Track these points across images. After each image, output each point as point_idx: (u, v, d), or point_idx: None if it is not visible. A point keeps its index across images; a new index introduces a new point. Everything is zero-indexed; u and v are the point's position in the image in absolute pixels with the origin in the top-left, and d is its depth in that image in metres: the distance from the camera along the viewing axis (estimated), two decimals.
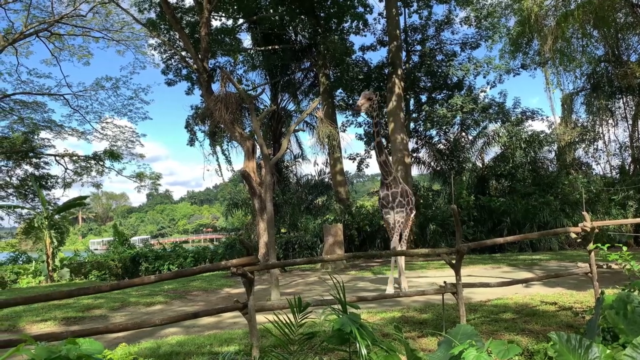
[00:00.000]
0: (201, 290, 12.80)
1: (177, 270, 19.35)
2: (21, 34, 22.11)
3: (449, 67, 23.08)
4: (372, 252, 9.94)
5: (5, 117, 27.00)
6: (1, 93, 25.25)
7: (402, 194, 10.14)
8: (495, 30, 23.07)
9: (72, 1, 23.04)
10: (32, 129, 27.90)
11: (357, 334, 3.88)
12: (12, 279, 21.04)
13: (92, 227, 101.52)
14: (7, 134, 27.90)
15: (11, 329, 8.61)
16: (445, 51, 24.82)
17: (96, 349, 2.53)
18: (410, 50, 25.51)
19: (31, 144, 27.93)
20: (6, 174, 29.81)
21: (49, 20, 22.80)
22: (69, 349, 2.39)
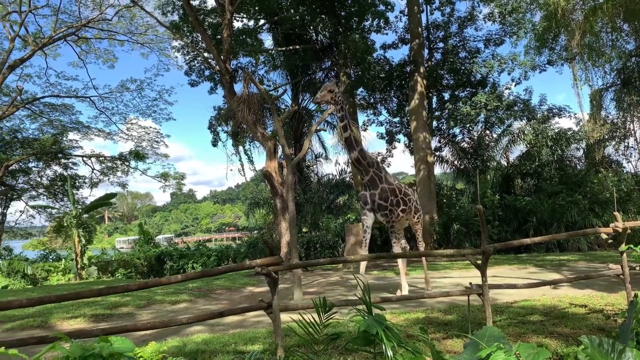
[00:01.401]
0: (225, 289, 12.93)
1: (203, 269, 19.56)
2: (50, 38, 22.67)
3: (473, 64, 22.74)
4: (396, 253, 9.73)
5: (36, 119, 27.76)
6: (31, 96, 25.92)
7: (382, 197, 9.40)
8: (520, 25, 22.62)
9: (98, 5, 23.54)
10: (61, 130, 28.61)
11: (383, 336, 3.86)
12: (43, 276, 21.65)
13: (117, 226, 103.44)
14: (37, 135, 28.69)
15: (43, 325, 8.84)
16: (469, 48, 24.48)
17: (127, 347, 2.58)
18: (433, 48, 25.23)
19: (60, 145, 28.64)
20: (37, 174, 30.68)
21: (76, 24, 23.33)
22: (101, 346, 2.44)
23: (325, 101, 9.06)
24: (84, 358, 2.41)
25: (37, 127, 28.53)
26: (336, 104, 9.07)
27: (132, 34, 25.25)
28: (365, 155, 9.41)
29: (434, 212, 20.43)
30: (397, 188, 9.69)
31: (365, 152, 9.49)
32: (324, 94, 9.01)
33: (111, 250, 29.10)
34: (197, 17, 18.00)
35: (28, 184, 30.67)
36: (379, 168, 9.58)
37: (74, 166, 30.44)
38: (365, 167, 9.39)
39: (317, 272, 16.07)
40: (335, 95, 9.03)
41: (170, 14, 22.09)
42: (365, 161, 9.38)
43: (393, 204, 9.52)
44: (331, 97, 9.00)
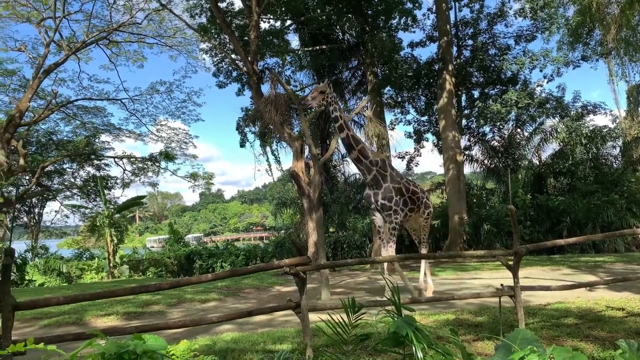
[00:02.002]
0: (253, 288, 13.04)
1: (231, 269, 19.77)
2: (83, 42, 23.29)
3: (503, 62, 22.26)
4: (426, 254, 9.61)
5: (70, 122, 28.61)
6: (65, 99, 26.71)
7: (385, 196, 9.15)
8: (553, 21, 22.01)
9: (128, 10, 24.06)
10: (94, 132, 29.42)
11: (413, 337, 3.82)
12: (77, 274, 22.27)
13: (148, 225, 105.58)
14: (71, 137, 29.59)
15: (78, 322, 9.08)
16: (499, 45, 23.97)
17: (160, 344, 2.61)
18: (462, 45, 24.83)
19: (93, 146, 29.46)
20: (71, 175, 31.67)
21: (108, 28, 23.89)
22: (135, 344, 2.48)
23: (316, 103, 8.89)
24: (119, 355, 2.45)
25: (71, 130, 29.45)
26: (329, 104, 8.92)
27: (161, 36, 25.73)
28: (366, 154, 9.20)
29: (464, 212, 20.14)
30: (404, 187, 9.44)
31: (367, 151, 9.28)
32: (315, 95, 8.85)
33: (142, 249, 29.66)
34: (224, 19, 18.20)
35: (62, 184, 31.71)
36: (384, 167, 9.35)
37: (106, 167, 31.33)
38: (368, 166, 9.21)
39: (345, 272, 16.04)
40: (327, 96, 8.86)
41: (198, 17, 22.39)
42: (368, 160, 9.19)
43: (399, 204, 9.26)
44: (322, 98, 8.83)
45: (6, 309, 3.56)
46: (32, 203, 30.46)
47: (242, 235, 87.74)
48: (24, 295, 12.62)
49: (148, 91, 27.90)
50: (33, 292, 15.46)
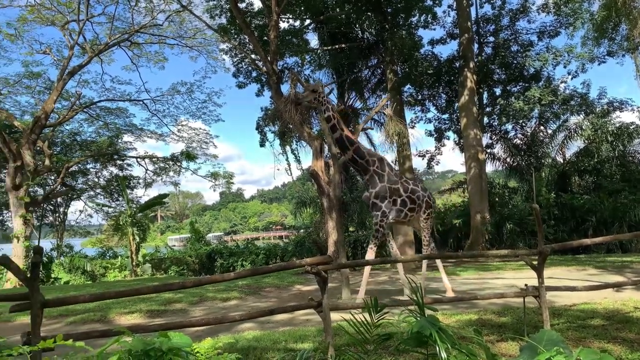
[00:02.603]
0: (273, 287, 13.10)
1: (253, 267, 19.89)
2: (106, 45, 23.72)
3: (526, 58, 21.90)
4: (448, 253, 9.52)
5: (93, 123, 29.17)
6: (89, 100, 27.22)
7: (378, 196, 8.95)
8: (577, 16, 21.55)
9: (149, 11, 24.41)
10: (116, 133, 29.94)
11: (437, 337, 3.79)
12: (101, 272, 22.67)
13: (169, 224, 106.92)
14: (94, 138, 30.16)
15: (102, 319, 9.25)
16: (521, 41, 23.58)
17: (185, 342, 2.64)
18: (483, 42, 24.51)
19: (115, 147, 29.98)
20: (94, 175, 32.29)
21: (130, 30, 24.28)
22: (161, 341, 2.51)
23: (307, 101, 8.83)
24: (145, 352, 2.49)
25: (94, 130, 30.02)
26: (320, 104, 8.82)
27: (181, 37, 26.03)
28: (362, 154, 9.05)
29: (486, 211, 19.89)
30: (402, 186, 9.22)
31: (363, 151, 9.12)
32: (307, 94, 8.79)
33: (164, 248, 30.07)
34: (244, 20, 18.31)
35: (86, 184, 32.37)
36: (382, 166, 9.17)
37: (128, 167, 31.86)
38: (364, 166, 9.05)
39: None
40: (319, 95, 8.76)
41: (217, 17, 22.56)
42: (364, 160, 9.04)
43: (397, 204, 9.07)
44: (314, 97, 8.75)
45: (35, 306, 3.64)
46: (57, 202, 31.14)
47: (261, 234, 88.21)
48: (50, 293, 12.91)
49: (169, 92, 28.27)
50: (59, 290, 15.79)
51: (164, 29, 25.41)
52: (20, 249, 19.84)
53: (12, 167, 19.97)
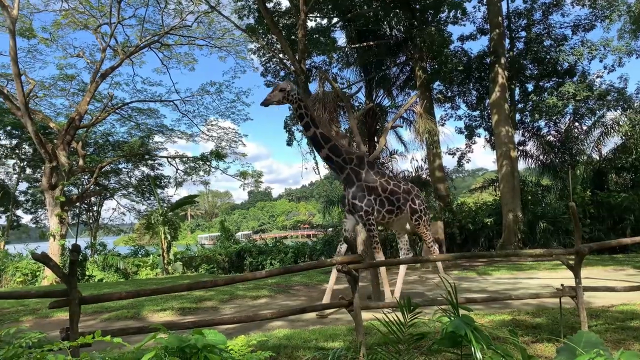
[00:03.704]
0: (302, 285, 13.12)
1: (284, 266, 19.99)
2: (137, 47, 24.22)
3: (559, 53, 21.31)
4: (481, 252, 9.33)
5: (125, 123, 29.85)
6: (121, 102, 27.85)
7: (355, 195, 8.63)
8: (613, 8, 20.86)
9: (179, 13, 24.81)
10: (147, 133, 30.56)
11: (472, 337, 3.72)
12: (133, 270, 23.15)
13: (199, 223, 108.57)
14: (126, 138, 30.86)
15: (136, 316, 9.43)
16: (554, 35, 22.97)
17: (219, 339, 2.66)
18: (514, 37, 23.98)
19: (147, 147, 30.59)
20: (126, 175, 33.04)
21: (160, 32, 24.73)
22: (196, 338, 2.53)
23: (276, 101, 8.51)
24: (181, 349, 2.51)
25: (126, 131, 30.71)
26: (291, 102, 8.57)
27: (210, 38, 26.36)
28: (338, 152, 8.73)
29: (518, 210, 19.47)
30: (380, 186, 8.86)
31: (340, 149, 8.78)
32: (275, 94, 8.50)
33: (194, 246, 30.54)
34: (272, 19, 18.41)
35: (119, 183, 33.14)
36: (360, 164, 8.87)
37: (159, 167, 32.47)
38: (340, 165, 8.75)
39: (394, 271, 15.80)
40: (287, 94, 8.47)
41: (246, 18, 22.76)
42: (340, 158, 8.73)
43: (373, 203, 8.73)
44: (283, 96, 8.45)
45: (73, 303, 3.73)
46: (91, 202, 31.97)
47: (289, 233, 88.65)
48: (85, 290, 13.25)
49: (199, 92, 28.67)
50: (93, 287, 16.20)
51: (193, 30, 25.79)
52: (56, 247, 20.44)
53: (48, 168, 20.58)
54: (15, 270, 20.91)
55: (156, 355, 2.43)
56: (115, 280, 21.33)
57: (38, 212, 31.64)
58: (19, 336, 2.86)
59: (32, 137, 20.24)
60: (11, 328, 3.02)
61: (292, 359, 5.65)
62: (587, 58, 21.32)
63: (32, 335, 2.82)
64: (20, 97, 18.96)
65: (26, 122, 19.47)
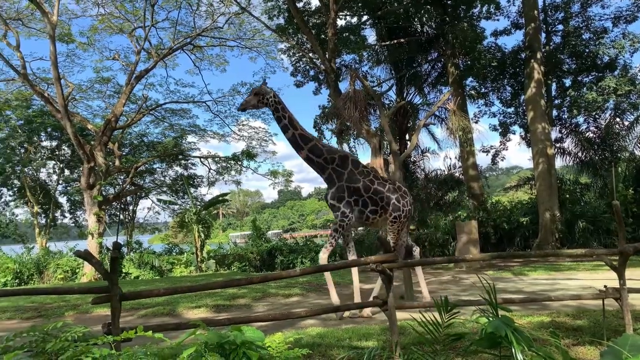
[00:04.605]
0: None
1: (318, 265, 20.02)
2: (170, 49, 24.69)
3: (599, 46, 20.59)
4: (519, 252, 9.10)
5: (159, 124, 30.49)
6: (155, 103, 28.46)
7: (334, 196, 8.50)
8: None
9: (210, 15, 25.15)
10: (181, 134, 31.14)
11: (513, 338, 3.64)
12: (168, 268, 23.61)
13: (230, 221, 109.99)
14: (160, 139, 31.54)
15: (171, 313, 9.62)
16: (594, 28, 22.19)
17: (258, 336, 2.67)
18: (551, 31, 23.30)
19: (180, 147, 31.19)
20: (161, 174, 33.77)
21: (192, 34, 25.13)
22: (235, 335, 2.55)
23: (252, 105, 8.50)
24: (220, 345, 2.53)
25: (160, 132, 31.38)
26: (267, 105, 8.52)
27: (240, 39, 26.62)
28: (319, 153, 8.64)
29: (556, 209, 18.92)
30: (363, 186, 8.66)
31: (321, 149, 8.69)
32: (250, 99, 8.50)
33: (227, 244, 30.90)
34: (302, 19, 18.47)
35: (153, 183, 33.89)
36: (343, 164, 8.72)
37: (192, 166, 33.05)
38: (322, 165, 8.65)
39: (428, 270, 15.65)
40: (262, 98, 8.46)
41: (276, 18, 22.92)
42: (321, 158, 8.63)
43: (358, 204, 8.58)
44: (258, 100, 8.44)
45: (114, 299, 3.82)
46: (126, 201, 32.78)
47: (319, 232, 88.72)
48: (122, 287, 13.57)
49: (230, 93, 29.01)
50: (129, 284, 16.61)
51: (224, 31, 26.10)
52: (94, 245, 21.07)
53: (86, 168, 21.20)
54: (56, 267, 21.64)
55: (196, 350, 2.45)
56: (150, 278, 21.79)
57: (77, 211, 32.68)
58: (65, 330, 2.95)
59: (71, 139, 20.90)
60: (58, 322, 3.12)
61: (326, 357, 5.64)
62: (629, 51, 20.53)
63: (77, 330, 2.90)
64: (60, 100, 19.61)
65: (65, 124, 20.12)
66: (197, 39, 25.64)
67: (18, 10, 21.95)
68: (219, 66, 28.18)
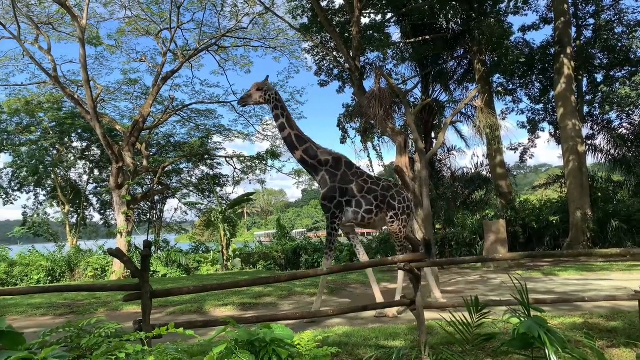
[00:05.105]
0: (359, 284, 13.05)
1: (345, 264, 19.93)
2: (195, 50, 25.01)
3: (632, 40, 19.96)
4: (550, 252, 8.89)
5: (185, 125, 30.92)
6: (181, 104, 28.87)
7: (326, 196, 8.37)
8: None
9: (235, 16, 25.35)
10: (206, 134, 31.52)
11: (546, 339, 3.55)
12: (195, 266, 23.94)
13: (255, 220, 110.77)
14: (186, 139, 31.97)
15: (199, 310, 9.73)
16: (627, 22, 21.52)
17: (287, 334, 2.67)
18: (581, 25, 22.74)
19: (206, 147, 31.57)
20: (187, 174, 34.25)
21: (217, 35, 25.40)
22: (265, 332, 2.56)
23: (254, 101, 8.46)
24: (250, 342, 2.54)
25: (186, 132, 31.83)
26: (268, 102, 8.45)
27: (264, 39, 26.76)
28: (313, 154, 8.58)
29: (587, 208, 18.45)
30: (357, 186, 8.54)
31: (315, 151, 8.61)
32: (252, 93, 8.44)
33: (252, 243, 31.13)
34: (327, 17, 18.43)
35: (180, 183, 34.39)
36: (337, 165, 8.63)
37: (218, 166, 33.41)
38: (315, 167, 8.58)
39: (454, 270, 15.46)
40: (265, 93, 8.40)
41: (299, 18, 22.95)
42: (315, 160, 8.57)
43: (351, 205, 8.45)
44: (260, 95, 8.40)
45: (145, 296, 3.88)
46: (154, 200, 33.35)
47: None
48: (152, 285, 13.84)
49: None
50: (158, 282, 16.86)
51: (248, 32, 26.28)
52: (123, 243, 21.49)
53: (115, 168, 21.65)
54: (86, 265, 22.16)
55: (227, 348, 2.46)
56: (178, 276, 22.11)
57: (106, 210, 33.41)
58: (99, 326, 3.01)
59: (100, 140, 21.37)
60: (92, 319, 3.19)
61: (353, 356, 5.61)
62: None
63: (110, 326, 2.96)
64: (89, 102, 20.08)
65: (95, 126, 20.59)
66: (221, 40, 25.89)
67: (49, 15, 22.58)
68: (244, 66, 28.42)
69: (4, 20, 20.62)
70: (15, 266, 21.24)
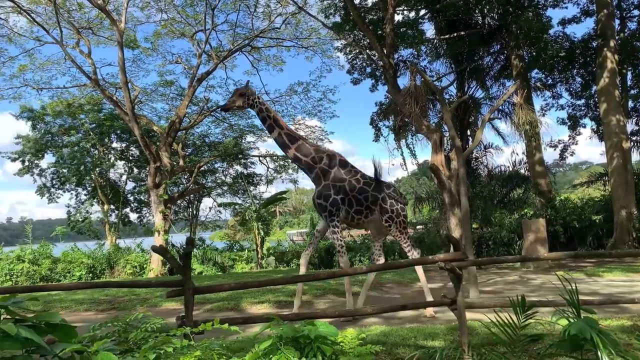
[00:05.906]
0: (394, 283, 12.96)
1: (385, 262, 19.85)
2: (229, 51, 25.31)
3: None
4: (595, 252, 8.60)
5: (219, 125, 31.33)
6: (215, 104, 29.26)
7: (321, 194, 8.23)
8: None
9: (267, 16, 25.52)
10: (240, 134, 31.89)
11: (599, 341, 3.42)
12: (230, 264, 24.27)
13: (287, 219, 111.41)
14: (221, 139, 32.43)
15: (236, 307, 9.85)
16: None
17: (331, 331, 2.65)
18: (626, 17, 21.87)
19: (240, 147, 31.95)
20: (222, 173, 34.78)
21: (250, 36, 25.64)
22: (309, 329, 2.54)
23: (237, 106, 8.39)
24: (295, 338, 2.53)
25: (220, 132, 32.23)
26: (252, 107, 8.36)
27: (297, 39, 26.83)
28: (306, 152, 8.46)
29: (633, 206, 17.73)
30: (348, 185, 8.36)
31: (308, 148, 8.52)
32: (234, 99, 8.35)
33: (285, 241, 31.32)
34: (360, 15, 18.31)
35: (215, 182, 34.94)
36: (331, 163, 8.50)
37: (251, 165, 33.79)
38: (309, 164, 8.45)
39: (492, 270, 15.12)
40: (248, 98, 8.31)
41: (332, 16, 22.91)
42: (309, 157, 8.43)
43: (339, 203, 8.26)
44: (243, 101, 8.30)
45: (188, 292, 3.92)
46: (190, 199, 33.97)
47: None
48: None
49: (287, 92, 29.35)
50: (196, 279, 16.77)
51: (280, 32, 26.40)
52: (160, 241, 21.94)
53: (152, 168, 22.14)
54: (125, 263, 22.77)
55: (272, 343, 2.46)
56: (213, 274, 22.46)
57: (143, 209, 34.27)
58: (144, 321, 3.06)
59: (138, 140, 21.89)
60: (138, 314, 3.24)
61: (392, 355, 5.55)
62: None
63: (156, 321, 3.00)
64: (127, 104, 20.60)
65: (133, 127, 21.11)
66: (254, 41, 26.11)
67: (89, 20, 23.28)
68: (276, 66, 28.56)
69: (46, 26, 21.37)
70: (58, 263, 22.00)
